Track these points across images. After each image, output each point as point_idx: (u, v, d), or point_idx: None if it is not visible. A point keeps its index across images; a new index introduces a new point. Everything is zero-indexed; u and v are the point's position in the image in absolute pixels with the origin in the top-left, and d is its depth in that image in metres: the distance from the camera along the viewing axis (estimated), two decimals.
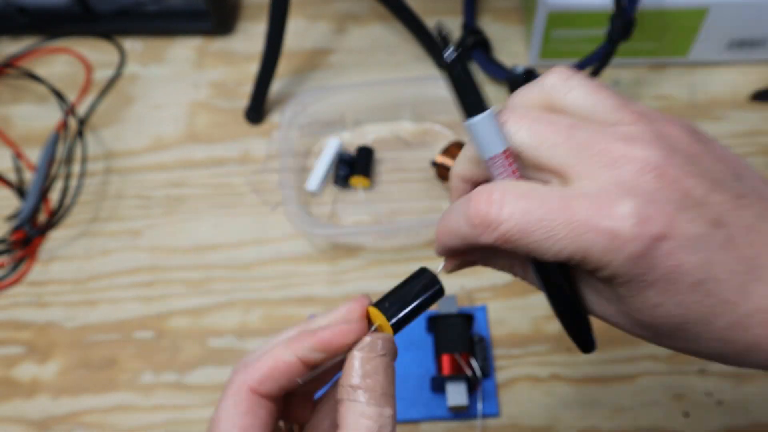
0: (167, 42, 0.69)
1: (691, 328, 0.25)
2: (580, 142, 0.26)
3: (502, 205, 0.26)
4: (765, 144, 0.60)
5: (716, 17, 0.59)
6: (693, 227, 0.24)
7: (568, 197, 0.25)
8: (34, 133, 0.64)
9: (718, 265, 0.25)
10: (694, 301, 0.25)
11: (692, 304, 0.25)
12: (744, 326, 0.25)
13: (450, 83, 0.30)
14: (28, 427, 0.50)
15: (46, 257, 0.58)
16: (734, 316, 0.25)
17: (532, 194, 0.26)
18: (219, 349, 0.53)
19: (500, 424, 0.49)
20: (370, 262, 0.56)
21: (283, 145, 0.56)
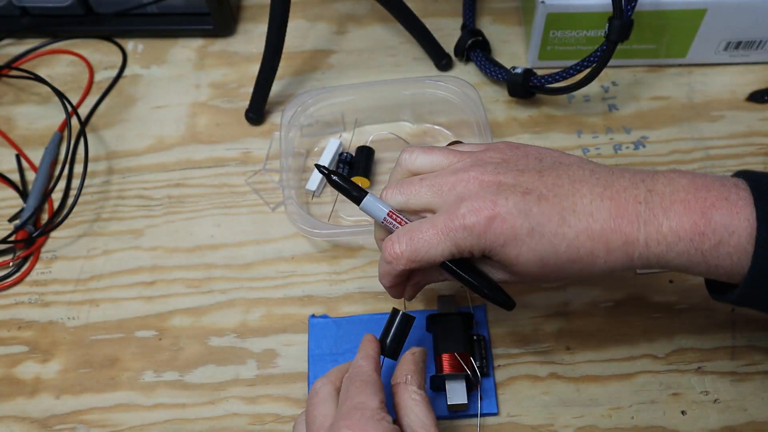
0: (168, 43, 0.70)
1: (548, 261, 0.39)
2: (431, 185, 0.41)
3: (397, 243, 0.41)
4: (763, 144, 0.60)
5: (714, 18, 0.60)
6: (510, 200, 0.38)
7: (432, 219, 0.40)
8: (37, 133, 0.65)
9: (538, 214, 0.38)
10: (536, 243, 0.38)
11: (536, 246, 0.38)
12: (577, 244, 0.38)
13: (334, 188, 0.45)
14: (31, 426, 0.51)
15: (48, 257, 0.58)
16: (567, 241, 0.38)
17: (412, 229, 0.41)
18: (220, 348, 0.53)
19: (499, 423, 0.49)
20: (370, 262, 0.56)
21: (284, 145, 0.57)
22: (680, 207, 0.38)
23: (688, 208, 0.37)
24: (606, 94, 0.64)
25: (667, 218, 0.38)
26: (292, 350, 0.53)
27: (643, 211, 0.38)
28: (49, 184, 0.61)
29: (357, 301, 0.54)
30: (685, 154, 0.60)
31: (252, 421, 0.50)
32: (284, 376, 0.52)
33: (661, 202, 0.38)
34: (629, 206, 0.38)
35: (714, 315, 0.52)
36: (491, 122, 0.63)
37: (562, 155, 0.42)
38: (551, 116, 0.63)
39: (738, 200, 0.37)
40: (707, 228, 0.37)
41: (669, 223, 0.38)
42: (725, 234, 0.37)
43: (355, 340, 0.52)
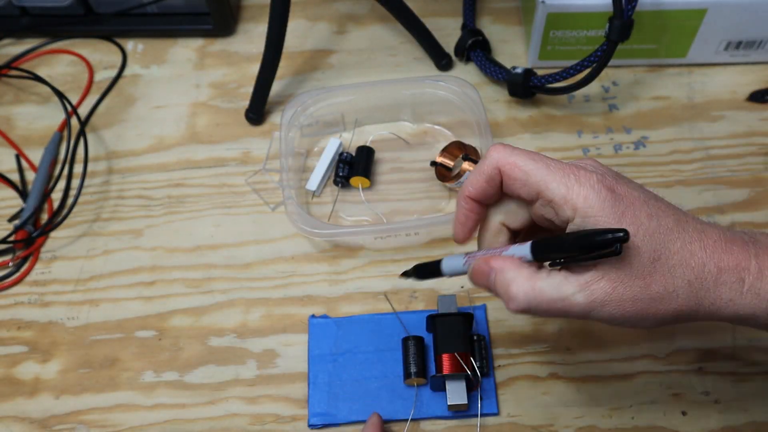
0: (168, 43, 0.70)
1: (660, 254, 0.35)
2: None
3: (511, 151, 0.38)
4: (763, 144, 0.60)
5: (714, 18, 0.60)
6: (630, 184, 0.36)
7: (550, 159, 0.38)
8: (37, 133, 0.65)
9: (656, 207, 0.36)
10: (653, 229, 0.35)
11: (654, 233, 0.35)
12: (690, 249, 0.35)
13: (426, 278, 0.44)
14: (31, 426, 0.51)
15: (48, 257, 0.58)
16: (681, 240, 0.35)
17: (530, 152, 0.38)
18: (220, 348, 0.53)
19: (499, 423, 0.49)
20: (370, 262, 0.56)
21: (284, 145, 0.57)
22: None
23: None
24: (606, 94, 0.64)
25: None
26: (292, 350, 0.53)
27: (752, 245, 0.36)
28: (48, 184, 0.61)
29: (357, 301, 0.54)
30: (685, 154, 0.60)
31: (252, 421, 0.50)
32: (284, 376, 0.52)
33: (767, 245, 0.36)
34: (737, 238, 0.36)
35: None
36: (491, 122, 0.63)
37: None
38: (551, 116, 0.63)
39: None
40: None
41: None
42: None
43: (355, 340, 0.52)
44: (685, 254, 0.35)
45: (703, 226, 0.36)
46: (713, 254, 0.35)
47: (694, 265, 0.35)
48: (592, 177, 0.35)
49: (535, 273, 0.36)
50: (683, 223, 0.36)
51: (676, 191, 0.58)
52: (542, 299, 0.35)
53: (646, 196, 0.36)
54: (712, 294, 0.35)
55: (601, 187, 0.35)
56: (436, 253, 0.56)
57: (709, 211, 0.57)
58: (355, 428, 0.49)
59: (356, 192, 0.59)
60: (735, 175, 0.59)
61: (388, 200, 0.59)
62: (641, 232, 0.34)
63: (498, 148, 0.37)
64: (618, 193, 0.35)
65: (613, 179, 0.36)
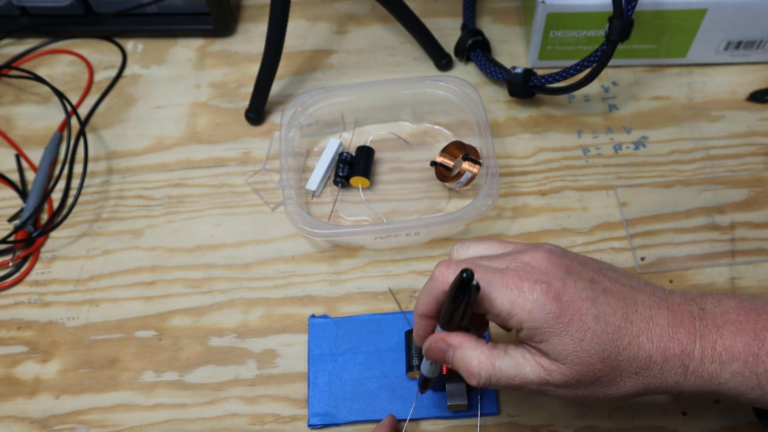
0: (168, 43, 0.70)
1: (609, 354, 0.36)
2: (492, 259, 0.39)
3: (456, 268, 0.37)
4: (763, 144, 0.60)
5: (714, 18, 0.60)
6: (578, 283, 0.37)
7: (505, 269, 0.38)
8: (37, 133, 0.65)
9: (604, 304, 0.37)
10: (601, 330, 0.36)
11: (601, 334, 0.36)
12: (637, 343, 0.37)
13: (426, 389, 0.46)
14: (31, 426, 0.51)
15: (48, 257, 0.58)
16: (629, 337, 0.37)
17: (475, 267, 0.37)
18: (220, 348, 0.53)
19: (499, 423, 0.49)
20: (370, 262, 0.56)
21: (283, 145, 0.57)
22: (732, 327, 0.37)
23: (740, 329, 0.37)
24: (606, 94, 0.64)
25: (721, 336, 0.37)
26: (292, 350, 0.53)
27: (698, 325, 0.37)
28: (48, 184, 0.61)
29: (357, 301, 0.54)
30: (685, 154, 0.60)
31: (252, 421, 0.50)
32: (284, 376, 0.52)
33: (714, 321, 0.37)
34: (685, 319, 0.37)
35: None
36: (491, 122, 0.63)
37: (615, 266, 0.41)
38: (551, 116, 0.63)
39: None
40: (761, 350, 0.36)
41: (723, 342, 0.37)
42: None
43: (355, 340, 0.52)
44: (632, 349, 0.37)
45: (651, 312, 0.37)
46: (659, 344, 0.37)
47: (642, 357, 0.37)
48: (536, 290, 0.36)
49: (493, 350, 0.38)
50: (631, 315, 0.37)
51: (676, 191, 0.58)
52: (501, 377, 0.38)
53: (594, 294, 0.37)
54: (658, 379, 0.37)
55: (545, 300, 0.36)
56: (436, 253, 0.56)
57: (709, 211, 0.57)
58: (354, 428, 0.49)
59: (356, 192, 0.60)
60: (735, 175, 0.59)
61: (388, 200, 0.59)
62: (588, 337, 0.36)
63: (442, 270, 0.38)
64: (564, 302, 0.36)
65: (561, 283, 0.37)
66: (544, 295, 0.36)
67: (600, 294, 0.37)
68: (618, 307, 0.37)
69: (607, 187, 0.59)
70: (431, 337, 0.40)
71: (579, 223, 0.57)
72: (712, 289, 0.54)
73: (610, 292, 0.38)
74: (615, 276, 0.39)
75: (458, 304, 0.36)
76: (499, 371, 0.38)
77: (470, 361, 0.38)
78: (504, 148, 0.61)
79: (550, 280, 0.37)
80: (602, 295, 0.37)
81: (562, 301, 0.36)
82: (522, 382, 0.38)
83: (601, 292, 0.37)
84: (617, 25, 0.54)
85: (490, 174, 0.54)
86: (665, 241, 0.56)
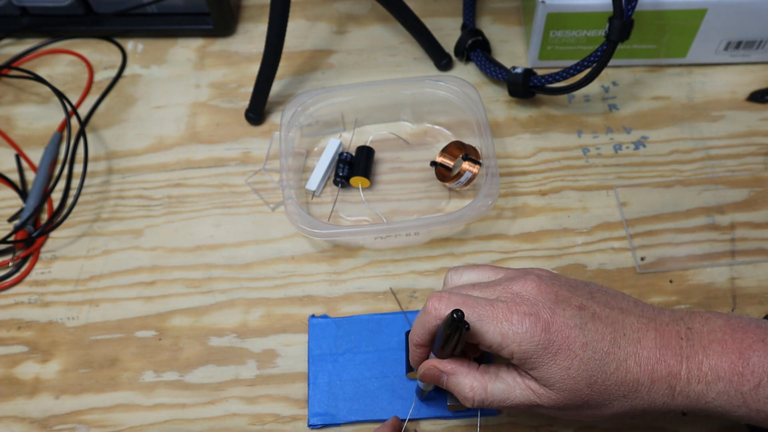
0: (168, 43, 0.70)
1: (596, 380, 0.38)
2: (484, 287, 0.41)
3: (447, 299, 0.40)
4: (763, 144, 0.60)
5: (714, 18, 0.60)
6: (566, 311, 0.38)
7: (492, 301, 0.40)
8: (37, 133, 0.65)
9: (592, 330, 0.38)
10: (588, 357, 0.37)
11: (588, 361, 0.37)
12: (625, 367, 0.38)
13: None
14: (31, 426, 0.51)
15: (48, 257, 0.58)
16: (616, 362, 0.38)
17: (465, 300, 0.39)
18: (220, 348, 0.53)
19: (499, 423, 0.49)
20: (370, 262, 0.56)
21: (283, 145, 0.57)
22: (718, 347, 0.38)
23: (725, 348, 0.38)
24: (606, 94, 0.64)
25: (707, 357, 0.38)
26: (292, 350, 0.53)
27: (685, 346, 0.38)
28: (48, 184, 0.61)
29: (357, 301, 0.54)
30: (685, 154, 0.60)
31: (252, 421, 0.50)
32: (284, 376, 0.52)
33: (700, 341, 0.38)
34: (672, 340, 0.38)
35: None
36: (491, 122, 0.63)
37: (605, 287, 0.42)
38: (551, 116, 0.63)
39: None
40: (746, 369, 0.37)
41: (708, 362, 0.38)
42: (764, 376, 0.37)
43: (355, 340, 0.52)
44: (620, 373, 0.38)
45: (639, 335, 0.39)
46: (647, 367, 0.38)
47: (629, 381, 0.38)
48: (525, 322, 0.38)
49: (485, 375, 0.40)
50: (619, 340, 0.38)
51: (676, 191, 0.58)
52: (493, 399, 0.40)
53: (582, 321, 0.38)
54: (646, 401, 0.39)
55: (534, 330, 0.37)
56: (435, 252, 0.56)
57: (709, 211, 0.57)
58: (354, 428, 0.49)
59: (356, 192, 0.60)
60: (735, 175, 0.59)
61: (388, 200, 0.59)
62: (575, 365, 0.37)
63: (434, 304, 0.39)
64: (552, 332, 0.38)
65: (550, 313, 0.38)
66: (533, 327, 0.37)
67: (588, 320, 0.38)
68: (606, 333, 0.38)
69: (607, 187, 0.59)
70: (425, 364, 0.42)
71: (579, 223, 0.57)
72: (711, 289, 0.54)
73: (598, 318, 0.39)
74: (604, 299, 0.40)
75: (451, 340, 0.38)
76: (491, 395, 0.40)
77: (463, 386, 0.40)
78: (504, 148, 0.61)
79: (538, 311, 0.38)
80: (590, 321, 0.38)
81: (550, 331, 0.38)
82: (513, 404, 0.40)
83: (590, 319, 0.38)
84: (617, 25, 0.54)
85: (490, 174, 0.54)
86: (665, 241, 0.56)
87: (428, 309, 0.40)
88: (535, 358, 0.38)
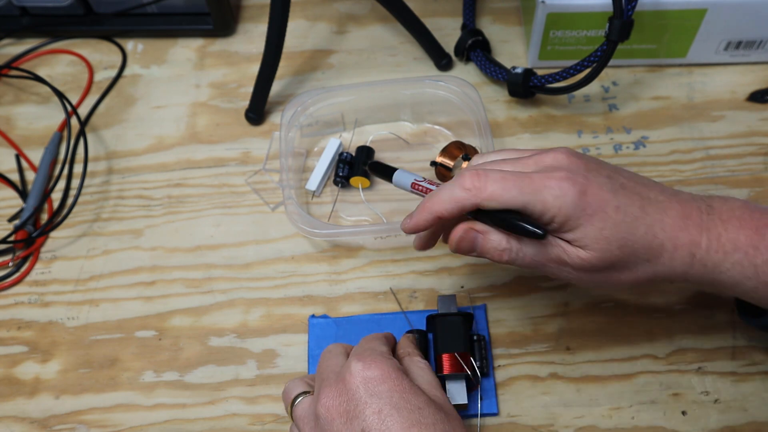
0: (168, 43, 0.70)
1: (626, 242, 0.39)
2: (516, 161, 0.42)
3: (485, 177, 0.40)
4: (763, 144, 0.60)
5: (714, 18, 0.60)
6: (599, 177, 0.40)
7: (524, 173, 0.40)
8: (37, 133, 0.65)
9: (623, 196, 0.40)
10: (620, 220, 0.39)
11: (621, 223, 0.39)
12: (653, 232, 0.40)
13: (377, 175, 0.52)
14: (31, 426, 0.51)
15: (48, 257, 0.58)
16: (645, 226, 0.40)
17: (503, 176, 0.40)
18: (220, 348, 0.53)
19: (499, 423, 0.49)
20: (370, 262, 0.56)
21: (283, 145, 0.57)
22: (736, 222, 0.41)
23: (743, 224, 0.40)
24: (606, 94, 0.64)
25: (726, 230, 0.40)
26: (292, 350, 0.53)
27: (706, 219, 0.41)
28: (48, 184, 0.61)
29: (357, 301, 0.54)
30: (685, 154, 0.60)
31: (252, 421, 0.50)
32: (284, 376, 0.52)
33: (720, 216, 0.41)
34: (694, 213, 0.41)
35: (714, 315, 0.52)
36: (491, 122, 0.63)
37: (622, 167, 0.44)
38: (551, 116, 0.63)
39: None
40: (761, 243, 0.40)
41: (727, 234, 0.40)
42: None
43: (355, 340, 0.52)
44: (648, 237, 0.40)
45: (664, 204, 0.41)
46: (671, 234, 0.40)
47: (655, 246, 0.40)
48: (564, 186, 0.39)
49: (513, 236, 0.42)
50: (647, 206, 0.40)
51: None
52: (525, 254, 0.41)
53: (614, 186, 0.40)
54: (667, 266, 0.41)
55: (573, 192, 0.39)
56: (435, 252, 0.56)
57: None
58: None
59: (356, 192, 0.60)
60: (735, 175, 0.59)
61: (388, 200, 0.59)
62: (609, 226, 0.39)
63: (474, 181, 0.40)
64: (588, 195, 0.39)
65: (584, 178, 0.40)
66: (571, 191, 0.39)
67: (618, 188, 0.40)
68: (635, 199, 0.40)
69: None
70: (460, 228, 0.42)
71: None
72: None
73: (627, 187, 0.41)
74: (628, 174, 0.42)
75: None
76: (523, 250, 0.41)
77: (499, 242, 0.41)
78: (504, 147, 0.61)
79: (574, 177, 0.39)
80: (620, 189, 0.40)
81: (587, 194, 0.39)
82: (543, 260, 0.41)
83: (619, 187, 0.40)
84: (617, 25, 0.54)
85: None
86: None
87: (467, 186, 0.40)
88: (573, 219, 0.39)
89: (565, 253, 0.41)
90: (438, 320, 0.50)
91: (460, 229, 0.42)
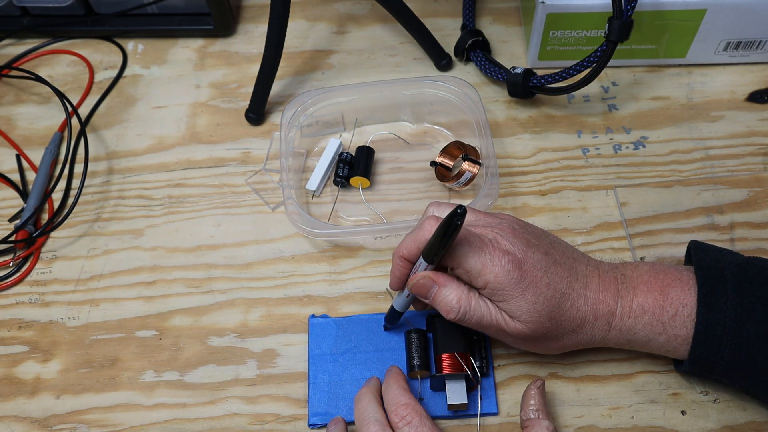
0: (169, 43, 0.70)
1: (554, 315, 0.44)
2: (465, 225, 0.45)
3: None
4: (763, 144, 0.60)
5: (714, 18, 0.60)
6: (536, 255, 0.44)
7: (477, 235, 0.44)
8: (37, 133, 0.65)
9: (554, 274, 0.44)
10: (551, 295, 0.44)
11: (551, 299, 0.44)
12: (577, 306, 0.45)
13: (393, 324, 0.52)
14: (31, 426, 0.51)
15: (48, 257, 0.58)
16: (570, 301, 0.44)
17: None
18: (220, 348, 0.53)
19: (499, 423, 0.49)
20: (370, 262, 0.56)
21: (284, 145, 0.57)
22: (644, 287, 0.46)
23: (650, 287, 0.45)
24: (606, 94, 0.64)
25: (636, 295, 0.45)
26: (292, 350, 0.53)
27: (620, 288, 0.46)
28: (49, 184, 0.61)
29: (357, 301, 0.54)
30: (685, 154, 0.60)
31: (252, 421, 0.50)
32: (284, 376, 0.52)
33: (632, 283, 0.46)
34: (611, 285, 0.46)
35: None
36: (491, 122, 0.63)
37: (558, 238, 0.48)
38: (551, 116, 0.63)
39: (689, 280, 0.45)
40: (665, 302, 0.45)
41: (637, 300, 0.45)
42: (680, 306, 0.44)
43: (355, 340, 0.52)
44: (572, 311, 0.45)
45: (587, 281, 0.45)
46: (592, 306, 0.45)
47: (579, 318, 0.45)
48: (504, 258, 0.43)
49: (471, 291, 0.45)
50: (573, 283, 0.45)
51: (676, 191, 0.58)
52: (473, 315, 0.44)
53: (547, 263, 0.44)
54: (588, 335, 0.46)
55: (510, 267, 0.43)
56: None
57: (708, 211, 0.57)
58: (354, 428, 0.49)
59: (356, 192, 0.60)
60: (734, 175, 0.59)
61: (388, 200, 0.59)
62: (540, 300, 0.43)
63: (432, 222, 0.44)
64: (524, 270, 0.43)
65: (523, 253, 0.44)
66: (509, 264, 0.43)
67: (551, 265, 0.44)
68: (564, 276, 0.45)
69: (606, 187, 0.59)
70: (419, 274, 0.45)
71: (579, 223, 0.57)
72: None
73: (559, 264, 0.45)
74: (561, 249, 0.46)
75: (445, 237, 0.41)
76: (473, 311, 0.44)
77: (452, 299, 0.44)
78: (504, 148, 0.61)
79: (515, 252, 0.43)
80: (553, 266, 0.44)
81: (523, 269, 0.43)
82: (487, 324, 0.45)
83: (552, 263, 0.45)
84: (617, 26, 0.54)
85: (490, 174, 0.54)
86: (665, 241, 0.56)
87: (424, 226, 0.44)
88: (507, 290, 0.43)
89: (504, 323, 0.44)
90: (438, 320, 0.50)
91: (419, 275, 0.45)
